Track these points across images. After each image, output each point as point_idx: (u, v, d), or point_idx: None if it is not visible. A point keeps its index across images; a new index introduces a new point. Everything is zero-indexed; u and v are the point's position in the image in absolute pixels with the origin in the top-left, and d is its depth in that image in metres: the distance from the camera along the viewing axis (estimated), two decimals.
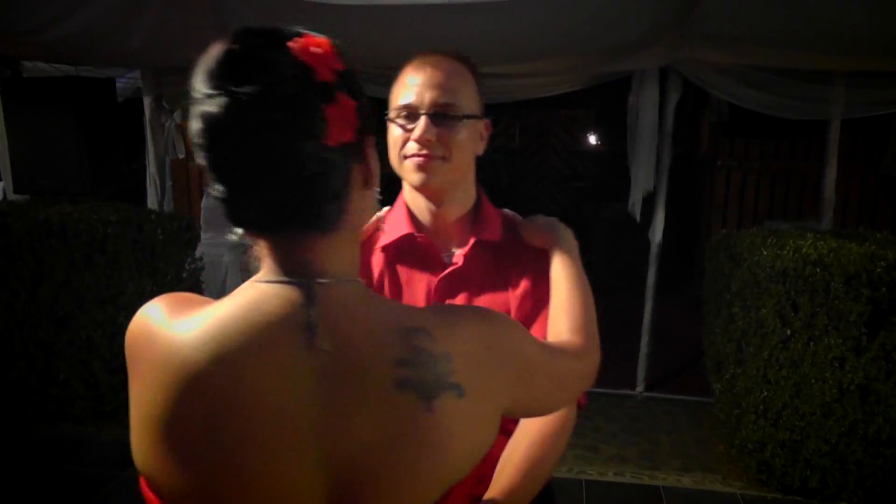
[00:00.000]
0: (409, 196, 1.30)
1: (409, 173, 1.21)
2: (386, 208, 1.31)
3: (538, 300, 1.24)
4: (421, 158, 1.18)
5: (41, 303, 3.60)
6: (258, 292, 0.77)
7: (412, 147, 1.19)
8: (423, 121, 1.17)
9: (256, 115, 0.71)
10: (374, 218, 1.28)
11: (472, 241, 1.26)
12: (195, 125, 0.74)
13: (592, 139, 8.97)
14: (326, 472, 0.73)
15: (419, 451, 0.74)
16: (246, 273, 0.82)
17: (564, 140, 9.13)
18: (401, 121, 1.20)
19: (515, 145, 9.13)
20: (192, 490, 0.74)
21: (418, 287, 1.27)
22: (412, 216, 1.29)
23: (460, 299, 1.25)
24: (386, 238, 1.29)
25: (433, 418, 0.74)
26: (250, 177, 0.73)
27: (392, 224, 1.30)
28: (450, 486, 0.78)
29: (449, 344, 0.78)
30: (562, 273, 1.19)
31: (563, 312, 1.13)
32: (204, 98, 0.73)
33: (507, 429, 1.19)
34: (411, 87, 1.19)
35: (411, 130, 1.19)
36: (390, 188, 1.21)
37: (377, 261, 1.30)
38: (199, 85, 0.74)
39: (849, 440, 2.98)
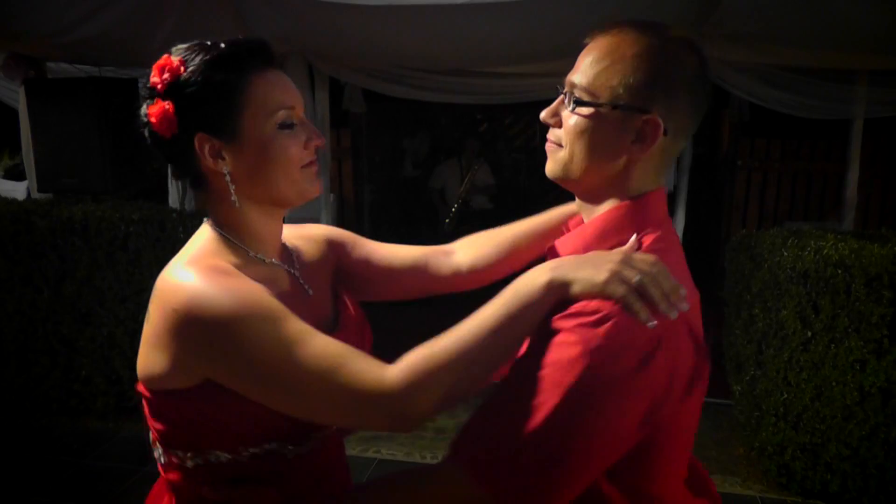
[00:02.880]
0: None
1: None
2: None
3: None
4: (547, 143, 1.09)
5: (64, 299, 3.65)
6: None
7: (549, 130, 1.10)
8: (556, 101, 1.07)
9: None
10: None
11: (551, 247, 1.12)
12: None
13: None
14: None
15: (142, 340, 1.02)
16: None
17: None
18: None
19: (536, 144, 9.13)
20: None
21: None
22: None
23: None
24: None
25: (144, 325, 1.01)
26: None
27: None
28: (140, 381, 1.04)
29: (157, 284, 1.00)
30: (486, 310, 0.92)
31: (434, 342, 0.92)
32: None
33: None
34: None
35: None
36: None
37: None
38: None
39: (870, 444, 2.95)
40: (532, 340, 0.94)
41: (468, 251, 1.31)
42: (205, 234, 1.08)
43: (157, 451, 1.05)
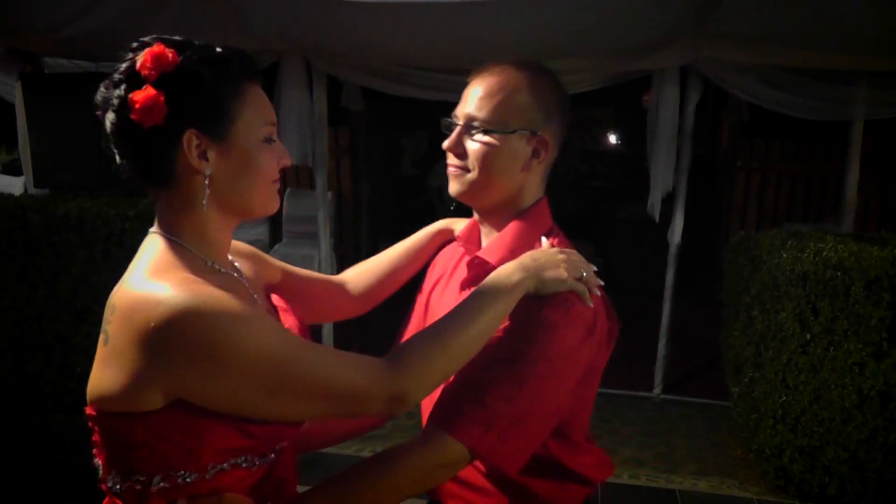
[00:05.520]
0: None
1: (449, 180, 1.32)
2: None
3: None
4: (451, 168, 1.29)
5: (59, 296, 3.64)
6: None
7: (449, 156, 1.29)
8: (454, 132, 1.26)
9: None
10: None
11: (469, 258, 1.31)
12: None
13: (612, 139, 8.91)
14: None
15: (96, 361, 1.01)
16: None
17: (584, 139, 9.08)
18: (447, 130, 1.29)
19: None
20: None
21: (452, 279, 1.38)
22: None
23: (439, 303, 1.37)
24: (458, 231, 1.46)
25: (101, 345, 1.00)
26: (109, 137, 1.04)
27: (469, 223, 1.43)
28: (92, 404, 1.02)
29: (116, 302, 0.98)
30: (467, 305, 1.09)
31: (422, 334, 1.07)
32: None
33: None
34: (462, 98, 1.28)
35: None
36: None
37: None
38: None
39: (868, 447, 2.94)
40: (506, 325, 1.15)
41: (356, 282, 1.46)
42: (158, 245, 1.05)
43: (112, 480, 1.01)
